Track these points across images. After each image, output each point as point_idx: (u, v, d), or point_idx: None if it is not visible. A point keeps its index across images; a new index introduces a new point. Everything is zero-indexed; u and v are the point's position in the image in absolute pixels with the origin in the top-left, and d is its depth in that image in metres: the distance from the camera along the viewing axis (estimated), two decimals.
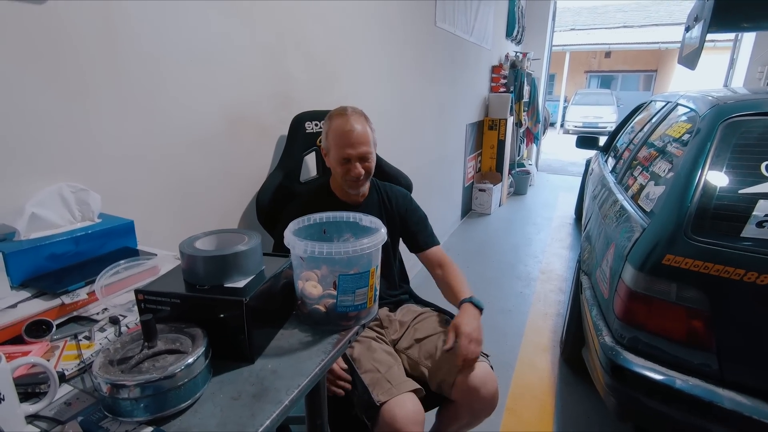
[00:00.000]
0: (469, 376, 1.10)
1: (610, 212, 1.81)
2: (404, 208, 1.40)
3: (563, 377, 1.97)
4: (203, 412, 0.55)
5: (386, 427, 1.00)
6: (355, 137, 1.21)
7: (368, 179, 1.30)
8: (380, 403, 1.01)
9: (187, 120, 1.19)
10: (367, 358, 1.14)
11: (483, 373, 1.11)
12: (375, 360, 1.13)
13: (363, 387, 1.07)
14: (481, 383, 1.10)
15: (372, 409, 1.02)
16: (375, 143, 1.29)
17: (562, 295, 2.75)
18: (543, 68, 6.20)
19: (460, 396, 1.12)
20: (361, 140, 1.22)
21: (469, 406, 1.12)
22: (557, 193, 5.51)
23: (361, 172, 1.23)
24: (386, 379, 1.07)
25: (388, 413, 1.00)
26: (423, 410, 1.05)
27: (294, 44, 1.56)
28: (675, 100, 2.08)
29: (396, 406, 1.00)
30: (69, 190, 0.88)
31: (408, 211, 1.40)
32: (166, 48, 1.10)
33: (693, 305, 1.17)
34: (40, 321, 0.68)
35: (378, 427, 1.02)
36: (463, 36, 3.46)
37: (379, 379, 1.07)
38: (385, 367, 1.11)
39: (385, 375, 1.08)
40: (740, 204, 1.19)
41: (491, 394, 1.12)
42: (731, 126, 1.35)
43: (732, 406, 1.10)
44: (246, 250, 0.69)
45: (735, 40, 5.64)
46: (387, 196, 1.40)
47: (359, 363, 1.13)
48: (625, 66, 15.71)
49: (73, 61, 0.91)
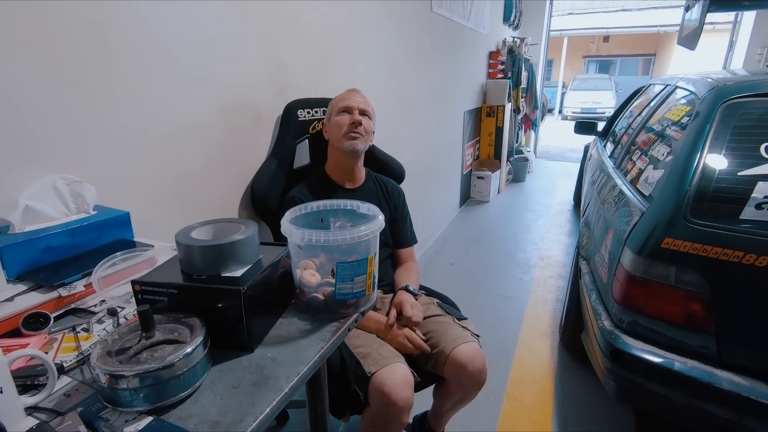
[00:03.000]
0: (459, 353, 1.16)
1: (608, 197, 1.81)
2: (396, 202, 1.46)
3: (563, 362, 1.99)
4: (203, 400, 0.55)
5: (376, 393, 1.05)
6: (357, 96, 1.36)
7: (365, 138, 1.33)
8: (371, 374, 1.06)
9: (182, 109, 1.18)
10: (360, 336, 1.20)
11: (471, 350, 1.18)
12: (367, 337, 1.19)
13: (355, 361, 1.11)
14: (468, 360, 1.16)
15: (363, 379, 1.07)
16: (374, 115, 1.40)
17: (562, 281, 2.76)
18: (541, 53, 6.14)
19: (451, 373, 1.19)
20: (361, 99, 1.36)
21: (458, 382, 1.19)
22: (556, 179, 5.50)
23: (360, 119, 1.30)
24: (377, 352, 1.12)
25: (378, 380, 1.05)
26: (412, 376, 1.10)
27: (289, 31, 1.54)
28: (674, 83, 2.06)
29: (385, 373, 1.05)
30: (63, 182, 0.87)
31: (398, 207, 1.47)
32: (159, 36, 1.08)
33: (692, 288, 1.18)
34: (38, 314, 0.68)
35: (370, 397, 1.06)
36: (460, 21, 3.42)
37: (370, 353, 1.12)
38: (377, 343, 1.17)
39: (377, 350, 1.13)
40: (739, 186, 1.18)
41: (479, 370, 1.18)
42: (731, 108, 1.34)
43: (730, 387, 1.10)
44: (243, 239, 0.68)
45: (734, 22, 5.58)
46: (385, 186, 1.47)
47: (352, 340, 1.18)
48: (624, 50, 15.58)
49: (65, 51, 0.89)
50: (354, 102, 1.34)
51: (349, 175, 1.38)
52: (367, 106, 1.37)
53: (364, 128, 1.32)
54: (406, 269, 1.42)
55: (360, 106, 1.34)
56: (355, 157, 1.35)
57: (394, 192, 1.47)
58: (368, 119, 1.36)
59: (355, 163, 1.36)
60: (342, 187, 1.38)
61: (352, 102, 1.34)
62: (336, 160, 1.37)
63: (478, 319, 1.71)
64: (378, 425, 1.08)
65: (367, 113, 1.36)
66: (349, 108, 1.33)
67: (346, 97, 1.36)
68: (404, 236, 1.47)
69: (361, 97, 1.38)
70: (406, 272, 1.41)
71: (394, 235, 1.45)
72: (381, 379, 1.05)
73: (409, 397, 1.06)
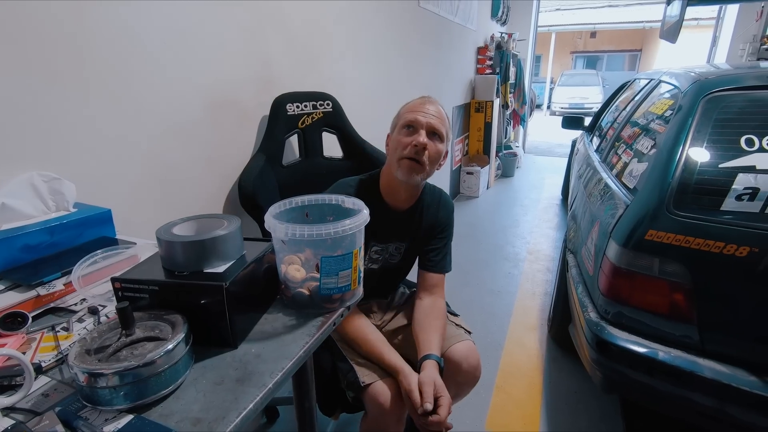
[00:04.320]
0: (453, 352, 1.15)
1: (594, 191, 1.83)
2: (439, 217, 1.24)
3: (551, 354, 2.01)
4: (185, 397, 0.55)
5: (371, 403, 1.04)
6: (429, 108, 1.08)
7: (428, 170, 1.08)
8: (365, 384, 1.05)
9: (164, 104, 1.16)
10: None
11: (465, 349, 1.16)
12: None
13: (349, 367, 1.09)
14: (463, 358, 1.14)
15: (356, 385, 1.06)
16: (448, 135, 1.13)
17: (550, 275, 2.79)
18: (529, 49, 6.17)
19: (445, 371, 1.16)
20: (434, 113, 1.08)
21: (453, 379, 1.16)
22: (544, 174, 5.55)
23: (425, 142, 1.04)
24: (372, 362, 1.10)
25: (373, 392, 1.04)
26: None
27: (274, 26, 1.52)
28: (658, 77, 2.08)
29: (380, 387, 1.04)
30: (41, 179, 0.85)
31: (438, 223, 1.24)
32: (138, 30, 1.06)
33: (675, 279, 1.19)
34: (15, 313, 0.66)
35: (366, 405, 1.06)
36: (448, 16, 3.42)
37: (365, 362, 1.10)
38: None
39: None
40: (720, 178, 1.20)
41: (473, 367, 1.16)
42: (712, 101, 1.36)
43: (712, 375, 1.13)
44: (225, 234, 0.68)
45: (717, 18, 5.67)
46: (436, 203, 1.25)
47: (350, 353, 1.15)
48: (611, 46, 15.73)
49: (39, 47, 0.87)
50: (423, 116, 1.06)
51: (401, 201, 1.17)
52: (441, 123, 1.08)
53: (429, 155, 1.06)
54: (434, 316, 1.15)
55: (430, 122, 1.06)
56: (410, 188, 1.14)
57: (442, 209, 1.25)
58: (439, 142, 1.08)
59: (409, 192, 1.15)
60: (389, 206, 1.17)
61: (420, 116, 1.06)
62: (389, 180, 1.14)
63: (467, 314, 1.71)
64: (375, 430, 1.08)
65: (438, 132, 1.07)
66: (416, 123, 1.06)
67: (416, 108, 1.08)
68: (437, 258, 1.23)
69: (436, 109, 1.09)
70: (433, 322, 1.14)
71: (424, 254, 1.24)
72: (376, 392, 1.03)
73: (401, 415, 1.05)
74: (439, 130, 1.08)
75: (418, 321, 1.16)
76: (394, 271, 1.29)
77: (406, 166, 1.06)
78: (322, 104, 1.59)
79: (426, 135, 1.06)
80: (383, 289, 1.34)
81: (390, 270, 1.27)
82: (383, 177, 1.17)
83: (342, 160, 1.68)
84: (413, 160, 1.05)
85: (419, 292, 1.23)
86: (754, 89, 1.34)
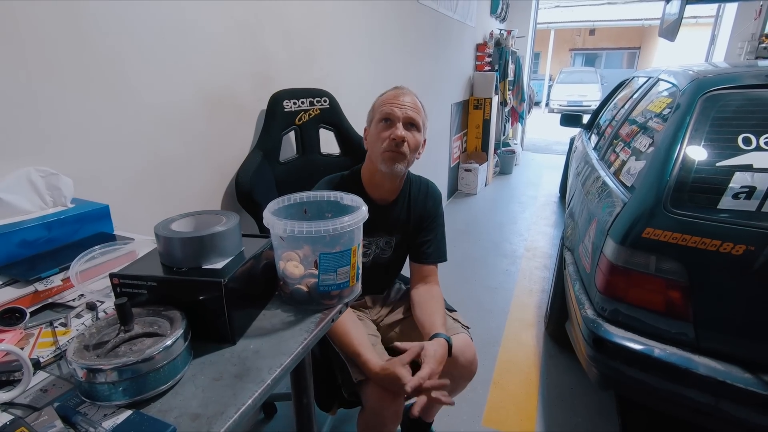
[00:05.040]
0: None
1: (592, 188, 1.83)
2: (426, 207, 1.26)
3: (548, 351, 2.02)
4: (184, 393, 0.55)
5: (365, 401, 1.06)
6: (404, 99, 1.10)
7: (408, 158, 1.12)
8: (357, 380, 1.05)
9: (162, 100, 1.15)
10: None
11: (462, 342, 1.17)
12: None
13: (342, 363, 1.10)
14: (459, 352, 1.15)
15: (348, 382, 1.07)
16: (425, 124, 1.16)
17: (547, 272, 2.80)
18: (528, 46, 6.16)
19: None
20: (409, 104, 1.10)
21: (449, 372, 1.16)
22: (542, 171, 5.55)
23: (403, 135, 1.07)
24: None
25: (367, 390, 1.05)
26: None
27: (271, 21, 1.51)
28: (656, 75, 2.09)
29: (374, 386, 1.04)
30: (38, 174, 0.85)
31: (426, 214, 1.25)
32: (136, 26, 1.06)
33: (671, 277, 1.20)
34: (13, 309, 0.66)
35: (362, 402, 1.08)
36: (447, 13, 3.41)
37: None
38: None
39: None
40: (717, 176, 1.21)
41: (469, 361, 1.17)
42: (710, 99, 1.36)
43: (707, 372, 1.14)
44: (224, 230, 0.68)
45: (716, 16, 5.67)
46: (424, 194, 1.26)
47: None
48: (609, 43, 15.72)
49: (35, 40, 0.86)
50: (399, 109, 1.08)
51: (385, 192, 1.20)
52: (417, 113, 1.10)
53: (409, 146, 1.09)
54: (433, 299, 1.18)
55: (407, 114, 1.08)
56: (394, 178, 1.16)
57: (429, 199, 1.26)
58: (416, 132, 1.11)
59: (393, 183, 1.18)
60: (373, 200, 1.19)
61: (396, 108, 1.08)
62: (371, 174, 1.17)
63: (465, 310, 1.72)
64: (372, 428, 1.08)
65: (415, 123, 1.10)
66: (392, 116, 1.08)
67: (390, 100, 1.10)
68: (430, 251, 1.24)
69: (411, 100, 1.11)
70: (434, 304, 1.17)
71: (416, 248, 1.25)
72: (370, 390, 1.04)
73: (397, 410, 1.06)
74: (416, 121, 1.10)
75: (418, 304, 1.18)
76: (386, 266, 1.29)
77: (389, 158, 1.09)
78: (319, 101, 1.59)
79: (403, 127, 1.09)
80: (377, 284, 1.35)
81: (382, 264, 1.27)
82: (365, 171, 1.20)
83: (339, 157, 1.68)
84: (395, 152, 1.09)
85: (414, 283, 1.25)
86: (751, 88, 1.35)
